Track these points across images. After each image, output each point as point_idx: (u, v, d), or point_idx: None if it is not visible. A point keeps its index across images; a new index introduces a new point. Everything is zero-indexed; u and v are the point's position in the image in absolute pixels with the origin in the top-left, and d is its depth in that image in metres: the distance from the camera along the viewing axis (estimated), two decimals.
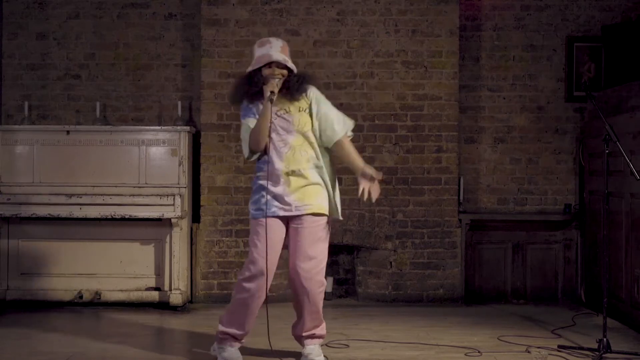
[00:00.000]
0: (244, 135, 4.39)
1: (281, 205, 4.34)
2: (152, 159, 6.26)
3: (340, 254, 6.77)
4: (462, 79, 6.69)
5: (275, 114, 4.35)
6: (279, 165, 4.33)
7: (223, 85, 6.50)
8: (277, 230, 4.37)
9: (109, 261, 6.26)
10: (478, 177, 6.83)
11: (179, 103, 6.65)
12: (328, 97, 6.44)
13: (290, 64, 4.40)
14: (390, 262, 6.50)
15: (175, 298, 6.13)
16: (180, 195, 6.14)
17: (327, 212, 4.41)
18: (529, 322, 5.76)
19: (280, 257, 4.49)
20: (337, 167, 4.57)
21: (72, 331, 5.35)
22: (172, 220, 6.11)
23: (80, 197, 6.12)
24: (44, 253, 6.26)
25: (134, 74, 6.86)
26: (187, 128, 6.32)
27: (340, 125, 4.41)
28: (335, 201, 4.47)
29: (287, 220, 4.40)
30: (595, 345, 4.67)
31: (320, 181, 4.40)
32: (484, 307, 6.44)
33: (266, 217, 4.30)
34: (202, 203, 6.50)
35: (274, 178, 4.34)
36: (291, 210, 4.34)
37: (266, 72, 4.34)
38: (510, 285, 6.75)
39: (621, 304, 5.70)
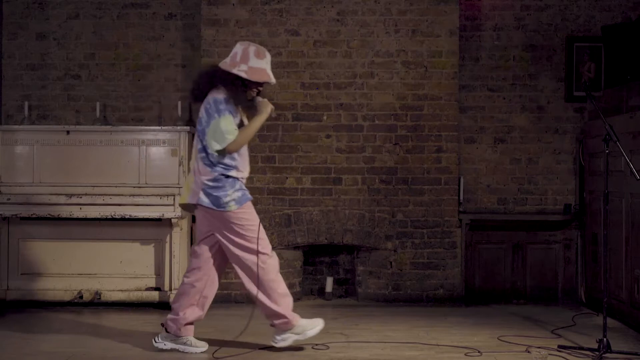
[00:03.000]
0: (228, 128, 4.55)
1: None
2: (152, 159, 6.26)
3: (340, 254, 6.77)
4: (462, 79, 6.69)
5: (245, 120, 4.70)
6: (247, 167, 4.74)
7: None
8: None
9: (109, 261, 6.26)
10: (478, 177, 6.83)
11: (179, 103, 6.65)
12: (328, 97, 6.50)
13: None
14: (390, 262, 6.50)
15: None
16: (180, 196, 6.12)
17: None
18: (529, 322, 5.76)
19: (281, 256, 4.50)
20: (338, 168, 4.60)
21: (72, 331, 5.35)
22: (172, 220, 6.11)
23: (80, 197, 6.12)
24: (44, 253, 6.26)
25: (134, 74, 6.86)
26: (187, 128, 6.32)
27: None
28: None
29: None
30: (595, 345, 4.67)
31: None
32: (484, 307, 6.44)
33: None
34: None
35: (243, 174, 4.71)
36: None
37: (255, 85, 4.62)
38: (510, 285, 6.75)
39: (621, 304, 5.70)
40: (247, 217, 4.64)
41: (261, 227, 4.67)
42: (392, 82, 6.54)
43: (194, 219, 6.52)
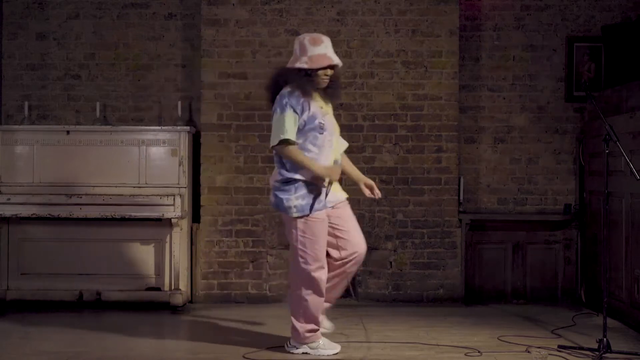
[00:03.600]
0: (285, 126, 4.47)
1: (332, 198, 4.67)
2: (152, 159, 6.26)
3: None
4: (462, 79, 6.69)
5: (322, 112, 4.58)
6: (328, 158, 4.60)
7: (223, 85, 6.51)
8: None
9: (109, 261, 6.26)
10: (478, 177, 6.83)
11: (179, 103, 6.65)
12: None
13: (338, 60, 4.60)
14: (390, 262, 6.50)
15: (175, 298, 6.13)
16: (180, 195, 6.14)
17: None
18: (529, 322, 5.76)
19: (281, 256, 4.50)
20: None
21: (72, 331, 5.35)
22: (172, 220, 6.11)
23: (80, 197, 6.12)
24: (44, 253, 6.25)
25: (134, 74, 6.86)
26: (187, 128, 6.32)
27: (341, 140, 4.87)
28: None
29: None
30: (595, 345, 4.67)
31: None
32: (484, 307, 6.44)
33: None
34: (202, 203, 6.50)
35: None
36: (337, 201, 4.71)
37: (322, 71, 4.53)
38: (510, 285, 6.75)
39: (621, 304, 5.70)
40: (303, 229, 4.53)
41: (313, 241, 4.54)
42: (392, 82, 6.54)
43: (194, 219, 6.55)
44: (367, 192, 4.78)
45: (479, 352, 4.74)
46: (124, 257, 6.27)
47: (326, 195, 4.58)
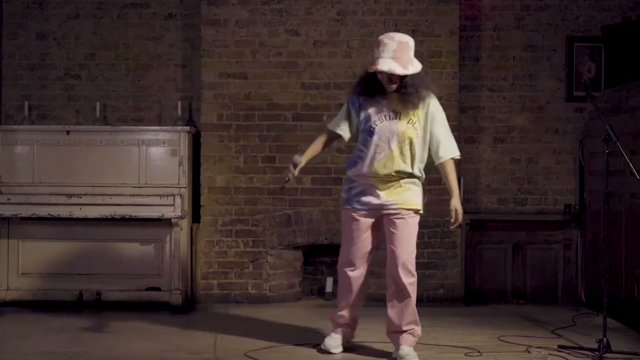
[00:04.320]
0: (335, 118, 4.68)
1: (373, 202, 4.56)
2: (152, 159, 6.26)
3: None
4: (462, 79, 6.69)
5: (381, 116, 4.49)
6: (369, 169, 4.50)
7: (223, 85, 6.51)
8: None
9: (109, 261, 6.26)
10: (478, 177, 6.83)
11: (179, 103, 6.65)
12: (328, 97, 6.45)
13: (399, 71, 4.37)
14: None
15: (175, 298, 6.13)
16: (180, 195, 6.14)
17: (420, 208, 4.59)
18: (529, 322, 5.76)
19: (281, 256, 4.50)
20: (339, 168, 4.62)
21: (72, 331, 5.35)
22: (172, 220, 6.11)
23: (80, 197, 6.12)
24: (44, 253, 6.25)
25: (134, 74, 6.86)
26: (187, 128, 6.32)
27: (445, 151, 4.56)
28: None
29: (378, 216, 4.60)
30: (595, 345, 4.67)
31: (412, 183, 4.57)
32: (484, 307, 6.44)
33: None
34: (202, 203, 6.50)
35: (362, 174, 4.54)
36: (383, 207, 4.56)
37: (378, 76, 4.45)
38: (510, 285, 6.75)
39: (621, 304, 5.70)
40: (342, 221, 4.70)
41: (344, 237, 4.68)
42: None
43: (194, 219, 6.55)
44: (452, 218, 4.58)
45: (479, 352, 4.74)
46: (124, 257, 6.27)
47: (364, 195, 4.55)
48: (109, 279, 6.25)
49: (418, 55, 6.52)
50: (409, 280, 4.54)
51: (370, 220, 4.61)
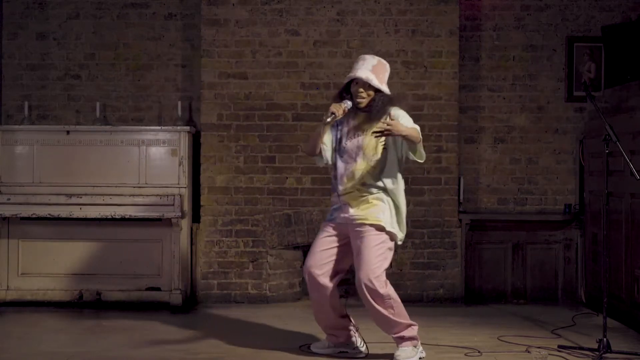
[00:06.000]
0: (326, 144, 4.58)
1: (342, 216, 4.52)
2: (152, 159, 6.26)
3: None
4: (462, 79, 6.69)
5: (350, 135, 4.49)
6: (341, 186, 4.51)
7: (223, 85, 6.51)
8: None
9: (109, 261, 6.26)
10: (478, 177, 6.83)
11: (179, 103, 6.65)
12: (328, 97, 6.41)
13: (375, 83, 4.40)
14: (390, 262, 6.48)
15: (175, 298, 6.13)
16: (180, 195, 6.14)
17: (384, 225, 4.45)
18: (529, 322, 5.76)
19: (281, 256, 4.49)
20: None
21: (72, 331, 5.35)
22: (172, 220, 6.11)
23: (80, 197, 6.12)
24: (44, 253, 6.26)
25: (134, 74, 6.86)
26: (187, 128, 6.32)
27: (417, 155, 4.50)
28: (394, 221, 4.53)
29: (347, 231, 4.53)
30: (595, 345, 4.67)
31: (378, 199, 4.48)
32: (484, 307, 6.44)
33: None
34: (202, 203, 6.50)
35: (339, 190, 4.54)
36: (349, 221, 4.49)
37: (352, 89, 4.45)
38: (510, 285, 6.75)
39: (621, 304, 5.70)
40: None
41: (312, 246, 4.63)
42: (392, 82, 6.47)
43: (194, 219, 6.55)
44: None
45: (479, 352, 4.74)
46: (124, 257, 6.27)
47: (338, 211, 4.55)
48: (109, 279, 6.25)
49: (418, 55, 6.59)
50: (377, 297, 4.43)
51: (341, 234, 4.55)
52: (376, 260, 4.41)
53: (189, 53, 6.84)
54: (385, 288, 4.44)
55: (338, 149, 4.55)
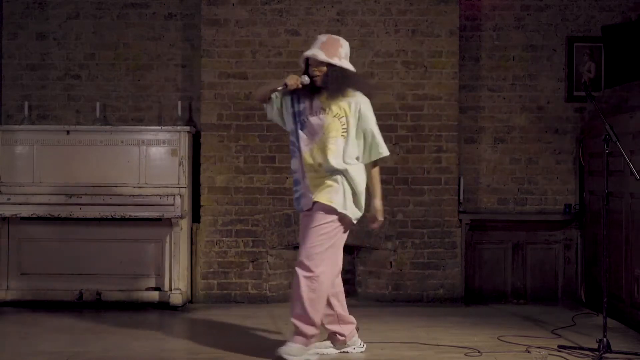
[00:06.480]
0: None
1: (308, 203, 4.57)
2: (152, 159, 6.26)
3: None
4: (462, 79, 6.69)
5: (313, 112, 4.56)
6: (301, 162, 4.60)
7: (223, 85, 6.51)
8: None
9: (109, 261, 6.26)
10: (478, 177, 6.83)
11: (179, 103, 6.65)
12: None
13: (322, 57, 4.49)
14: (390, 262, 6.50)
15: (175, 298, 6.13)
16: (180, 195, 6.14)
17: (335, 206, 4.47)
18: (529, 322, 5.76)
19: (281, 256, 4.50)
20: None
21: (72, 331, 5.35)
22: (172, 220, 6.11)
23: (80, 197, 6.12)
24: (44, 253, 6.25)
25: (134, 74, 6.86)
26: (187, 128, 6.32)
27: (373, 152, 4.63)
28: (350, 202, 4.55)
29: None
30: (595, 345, 4.67)
31: (333, 180, 4.51)
32: (484, 307, 6.44)
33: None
34: (202, 203, 6.50)
35: (300, 174, 4.63)
36: (309, 203, 4.55)
37: (309, 70, 4.55)
38: (510, 285, 6.75)
39: (621, 304, 5.70)
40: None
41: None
42: (392, 82, 6.54)
43: (194, 219, 6.55)
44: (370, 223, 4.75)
45: (479, 352, 4.74)
46: (124, 257, 6.27)
47: (303, 197, 4.59)
48: (109, 279, 6.25)
49: (418, 55, 6.59)
50: (306, 275, 4.39)
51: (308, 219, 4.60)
52: (318, 239, 4.42)
53: (189, 53, 6.84)
54: (319, 269, 4.40)
55: (298, 121, 4.60)
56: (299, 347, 4.46)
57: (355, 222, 4.62)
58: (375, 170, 4.71)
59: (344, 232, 4.57)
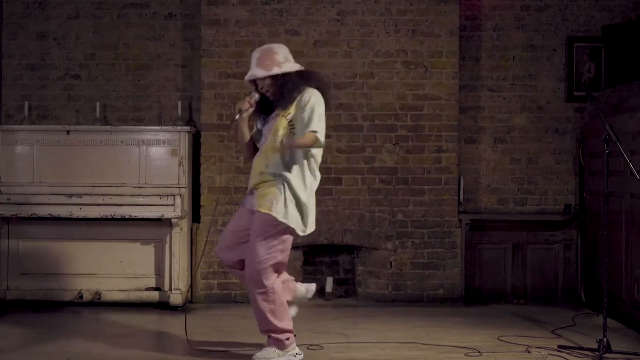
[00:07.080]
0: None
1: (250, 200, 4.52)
2: (152, 159, 6.26)
3: (340, 254, 6.77)
4: (462, 79, 6.69)
5: (270, 120, 4.53)
6: (254, 165, 4.53)
7: (223, 85, 6.51)
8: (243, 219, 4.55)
9: (109, 261, 6.26)
10: (478, 177, 6.83)
11: (179, 103, 6.65)
12: (328, 98, 6.37)
13: (260, 74, 4.46)
14: (390, 262, 6.50)
15: (175, 298, 6.13)
16: (180, 195, 6.13)
17: (275, 215, 4.37)
18: (529, 322, 5.76)
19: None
20: (339, 168, 4.56)
21: (72, 331, 5.35)
22: (172, 220, 6.11)
23: (80, 197, 6.12)
24: (44, 253, 6.25)
25: (134, 74, 6.86)
26: (187, 128, 6.32)
27: (301, 131, 4.39)
28: (293, 211, 4.42)
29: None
30: (595, 345, 4.68)
31: (275, 186, 4.40)
32: (484, 307, 6.44)
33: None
34: (202, 203, 6.50)
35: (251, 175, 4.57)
36: (252, 207, 4.47)
37: (259, 87, 4.54)
38: (510, 285, 6.75)
39: (621, 304, 5.70)
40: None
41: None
42: (392, 82, 6.54)
43: (194, 219, 6.55)
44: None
45: (479, 352, 4.74)
46: (124, 257, 6.27)
47: (250, 194, 4.54)
48: (109, 279, 6.25)
49: (418, 55, 6.59)
50: (259, 289, 4.37)
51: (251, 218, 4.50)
52: (264, 251, 4.36)
53: (189, 53, 6.84)
54: (269, 281, 4.38)
55: (263, 134, 4.57)
56: (273, 349, 4.47)
57: (301, 234, 4.49)
58: (308, 135, 4.37)
59: (292, 240, 4.50)
